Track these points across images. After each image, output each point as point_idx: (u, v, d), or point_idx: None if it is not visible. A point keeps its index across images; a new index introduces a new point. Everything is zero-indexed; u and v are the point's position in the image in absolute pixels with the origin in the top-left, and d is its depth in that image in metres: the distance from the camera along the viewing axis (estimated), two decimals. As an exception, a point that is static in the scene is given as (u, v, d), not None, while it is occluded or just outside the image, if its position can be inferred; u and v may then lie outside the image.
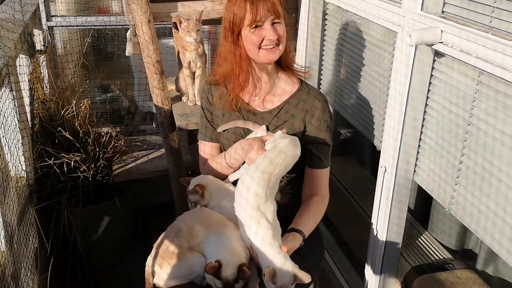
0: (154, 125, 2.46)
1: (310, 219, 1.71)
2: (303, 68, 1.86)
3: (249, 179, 1.51)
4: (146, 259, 1.62)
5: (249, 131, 1.79)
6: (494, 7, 1.40)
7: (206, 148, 1.92)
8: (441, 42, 1.55)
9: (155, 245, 1.61)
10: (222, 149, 1.89)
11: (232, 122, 1.79)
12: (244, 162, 1.72)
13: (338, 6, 2.30)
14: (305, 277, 1.44)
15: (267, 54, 1.67)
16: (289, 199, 1.82)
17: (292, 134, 1.71)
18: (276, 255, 1.45)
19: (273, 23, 1.65)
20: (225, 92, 1.80)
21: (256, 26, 1.63)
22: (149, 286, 1.57)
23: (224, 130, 1.81)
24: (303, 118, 1.76)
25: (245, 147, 1.67)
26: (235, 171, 1.79)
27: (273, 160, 1.53)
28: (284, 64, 1.80)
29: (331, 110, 1.86)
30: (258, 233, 1.47)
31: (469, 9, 1.50)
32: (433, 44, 1.58)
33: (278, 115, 1.77)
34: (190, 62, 2.33)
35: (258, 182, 1.49)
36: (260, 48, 1.66)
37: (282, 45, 1.69)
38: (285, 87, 1.80)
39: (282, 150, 1.56)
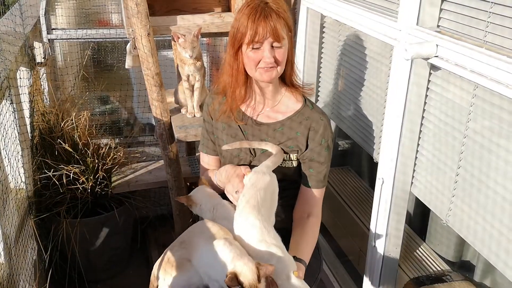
0: (155, 137, 2.47)
1: (308, 245, 1.71)
2: (307, 85, 1.84)
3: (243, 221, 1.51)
4: (144, 271, 1.63)
5: (253, 150, 1.80)
6: (488, 22, 1.43)
7: (205, 159, 1.93)
8: (437, 56, 1.58)
9: (165, 251, 1.62)
10: (221, 161, 1.90)
11: (237, 143, 1.77)
12: None
13: (336, 20, 2.33)
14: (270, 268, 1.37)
15: (262, 75, 1.66)
16: (288, 211, 1.83)
17: (295, 150, 1.73)
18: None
19: (272, 46, 1.62)
20: (222, 103, 1.81)
21: (254, 47, 1.62)
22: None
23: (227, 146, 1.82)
24: (306, 136, 1.74)
25: (229, 174, 1.67)
26: None
27: (250, 201, 1.51)
28: (288, 81, 1.78)
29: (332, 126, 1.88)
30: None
31: (464, 24, 1.53)
32: (428, 58, 1.61)
33: (282, 131, 1.76)
34: (189, 75, 2.35)
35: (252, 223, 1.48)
36: (257, 67, 1.65)
37: (280, 67, 1.67)
38: (289, 103, 1.78)
39: (260, 187, 1.55)
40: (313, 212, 1.78)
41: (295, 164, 1.77)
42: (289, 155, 1.75)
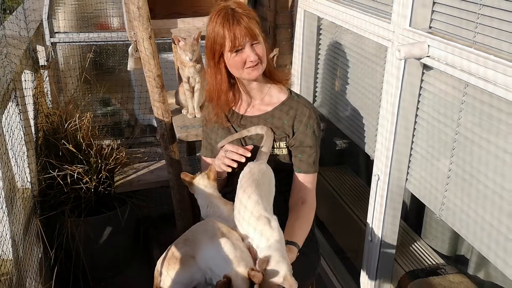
0: (157, 137, 2.53)
1: (302, 230, 1.77)
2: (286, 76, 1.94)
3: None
4: (147, 269, 1.68)
5: (246, 140, 1.87)
6: (477, 23, 1.49)
7: (205, 163, 2.02)
8: (429, 56, 1.63)
9: (168, 248, 1.67)
10: None
11: (228, 137, 1.87)
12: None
13: (332, 22, 2.39)
14: (293, 285, 1.45)
15: (251, 72, 1.76)
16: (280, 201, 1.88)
17: (283, 137, 1.82)
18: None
19: (252, 44, 1.73)
20: (211, 108, 1.90)
21: (237, 50, 1.72)
22: (157, 284, 1.64)
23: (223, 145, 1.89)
24: (292, 124, 1.84)
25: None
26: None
27: (248, 181, 1.62)
28: (268, 74, 1.88)
29: (319, 118, 1.92)
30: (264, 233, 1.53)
31: (454, 25, 1.59)
32: (421, 58, 1.67)
33: (272, 121, 1.85)
34: (189, 77, 2.41)
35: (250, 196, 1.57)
36: (244, 68, 1.75)
37: (264, 61, 1.77)
38: (275, 95, 1.89)
39: (257, 171, 1.67)
40: (307, 199, 1.85)
41: (285, 152, 1.85)
42: (279, 143, 1.84)
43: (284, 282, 1.45)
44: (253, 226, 1.54)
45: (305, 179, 1.86)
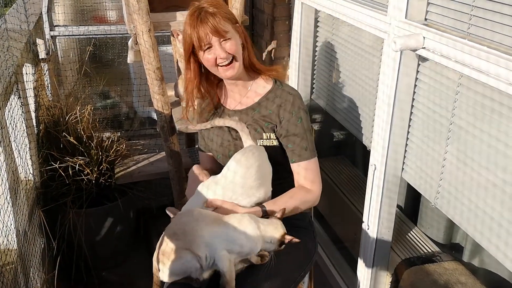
0: (157, 129, 2.56)
1: (281, 198, 1.73)
2: (273, 68, 1.92)
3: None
4: (147, 259, 1.70)
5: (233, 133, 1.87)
6: (471, 15, 1.52)
7: (200, 156, 2.05)
8: (424, 48, 1.67)
9: (158, 244, 1.70)
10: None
11: (208, 122, 1.87)
12: None
13: (329, 14, 2.42)
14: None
15: (225, 71, 1.76)
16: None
17: (271, 128, 1.81)
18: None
19: (221, 42, 1.72)
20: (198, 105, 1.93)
21: (207, 48, 1.73)
22: (156, 279, 1.67)
23: (203, 129, 1.91)
24: (278, 113, 1.80)
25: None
26: None
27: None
28: (251, 67, 1.86)
29: (305, 104, 1.89)
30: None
31: (449, 17, 1.62)
32: (416, 50, 1.70)
33: (259, 111, 1.82)
34: (188, 69, 2.44)
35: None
36: (217, 65, 1.75)
37: (238, 58, 1.76)
38: (259, 87, 1.87)
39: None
40: (310, 187, 1.80)
41: (275, 143, 1.80)
42: (269, 134, 1.80)
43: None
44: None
45: (300, 167, 1.80)
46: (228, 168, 1.66)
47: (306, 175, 1.79)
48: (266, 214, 1.66)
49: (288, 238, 1.59)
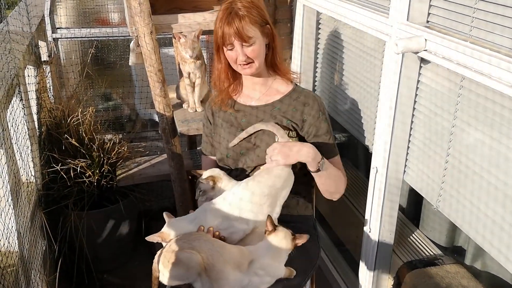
0: (159, 131, 2.57)
1: (333, 166, 1.83)
2: (294, 72, 1.98)
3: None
4: (148, 261, 1.69)
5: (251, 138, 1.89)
6: (473, 17, 1.52)
7: (203, 159, 2.06)
8: (426, 50, 1.66)
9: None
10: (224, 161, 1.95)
11: (238, 136, 1.87)
12: None
13: (331, 17, 2.41)
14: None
15: (243, 70, 1.82)
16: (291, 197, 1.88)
17: (292, 126, 1.84)
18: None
19: (243, 45, 1.75)
20: (216, 93, 1.96)
21: (228, 48, 1.77)
22: (155, 279, 1.66)
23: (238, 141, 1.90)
24: (302, 112, 1.86)
25: None
26: None
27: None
28: (275, 67, 1.91)
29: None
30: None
31: (451, 19, 1.61)
32: (418, 52, 1.70)
33: (279, 109, 1.87)
34: (189, 73, 2.44)
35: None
36: (236, 63, 1.80)
37: (257, 60, 1.79)
38: (280, 87, 1.92)
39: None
40: None
41: (295, 140, 1.85)
42: (288, 132, 1.84)
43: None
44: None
45: (332, 161, 1.86)
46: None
47: (337, 167, 1.89)
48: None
49: (298, 242, 1.63)
